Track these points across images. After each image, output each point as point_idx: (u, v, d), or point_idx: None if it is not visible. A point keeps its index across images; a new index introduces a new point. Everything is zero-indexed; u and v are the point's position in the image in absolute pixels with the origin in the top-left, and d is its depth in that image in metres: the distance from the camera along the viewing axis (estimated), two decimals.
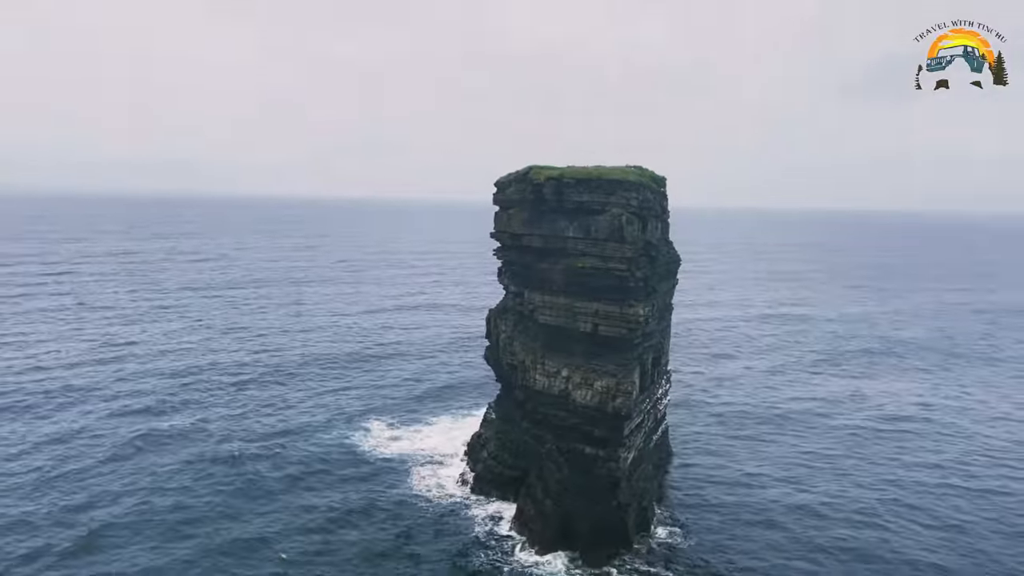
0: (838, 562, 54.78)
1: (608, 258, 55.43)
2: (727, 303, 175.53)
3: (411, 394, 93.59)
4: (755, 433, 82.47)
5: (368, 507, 61.90)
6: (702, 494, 66.26)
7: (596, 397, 55.94)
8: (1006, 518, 62.65)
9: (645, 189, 57.94)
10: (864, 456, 76.21)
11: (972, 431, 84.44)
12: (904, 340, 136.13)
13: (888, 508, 63.99)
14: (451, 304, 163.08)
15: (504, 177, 65.23)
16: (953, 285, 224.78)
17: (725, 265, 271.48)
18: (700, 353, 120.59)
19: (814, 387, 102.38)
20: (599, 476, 55.90)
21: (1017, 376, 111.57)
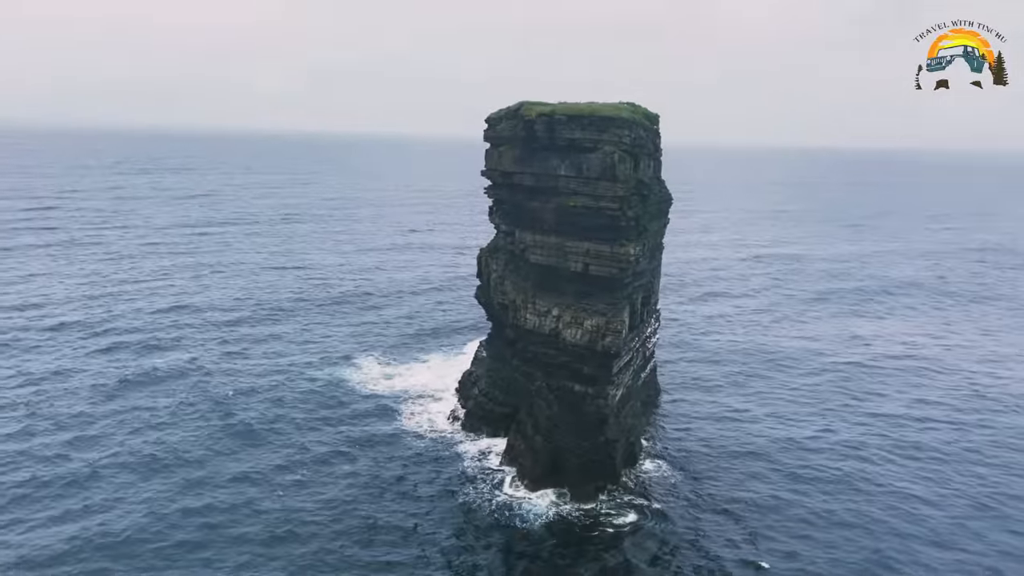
0: (821, 492, 56.13)
1: (600, 197, 54.95)
2: (719, 242, 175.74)
3: (402, 332, 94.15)
4: (743, 371, 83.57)
5: (360, 443, 62.84)
6: (689, 429, 67.47)
7: (586, 336, 56.22)
8: (985, 450, 64.05)
9: (638, 126, 57.11)
10: (851, 392, 77.53)
11: (957, 368, 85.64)
12: (896, 279, 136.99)
13: (872, 441, 65.33)
14: (443, 243, 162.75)
15: (495, 113, 64.20)
16: (948, 224, 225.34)
17: (718, 204, 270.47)
18: (692, 292, 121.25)
19: (804, 326, 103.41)
20: (588, 413, 56.66)
21: (1005, 314, 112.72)
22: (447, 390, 74.48)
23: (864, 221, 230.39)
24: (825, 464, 60.86)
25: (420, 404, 71.69)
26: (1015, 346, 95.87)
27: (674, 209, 68.93)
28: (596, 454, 55.86)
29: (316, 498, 53.35)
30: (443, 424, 67.61)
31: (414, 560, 46.51)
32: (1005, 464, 61.97)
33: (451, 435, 65.40)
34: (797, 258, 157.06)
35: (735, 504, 54.52)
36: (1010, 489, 57.69)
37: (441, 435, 65.29)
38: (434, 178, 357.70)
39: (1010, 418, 71.69)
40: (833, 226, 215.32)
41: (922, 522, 52.59)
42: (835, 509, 53.95)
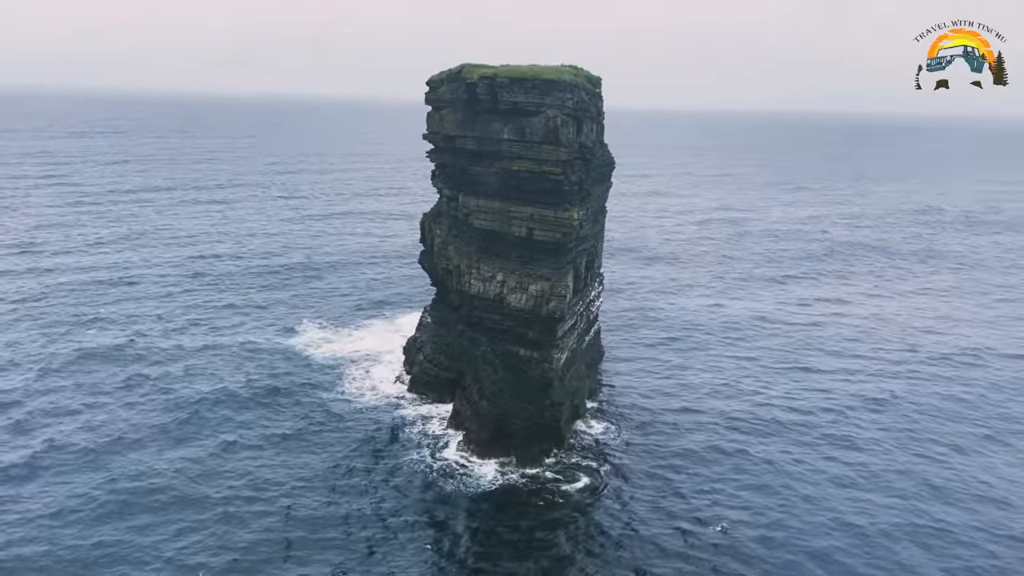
0: (762, 443, 57.88)
1: (543, 161, 54.72)
2: (667, 207, 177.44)
3: (347, 299, 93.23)
4: (686, 335, 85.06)
5: (304, 410, 62.23)
6: (632, 391, 68.62)
7: (530, 300, 56.41)
8: (915, 401, 66.77)
9: (580, 90, 56.81)
10: (792, 351, 79.76)
11: (900, 329, 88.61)
12: (846, 242, 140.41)
13: (810, 396, 67.58)
14: (386, 209, 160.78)
15: (436, 76, 63.15)
16: (899, 186, 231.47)
17: (664, 168, 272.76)
18: (638, 257, 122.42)
19: (752, 291, 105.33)
20: (533, 377, 57.08)
21: (952, 276, 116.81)
22: (391, 356, 74.15)
23: (809, 184, 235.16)
24: (764, 428, 62.48)
25: (364, 371, 71.24)
26: (954, 306, 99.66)
27: (617, 172, 69.19)
28: (541, 418, 56.38)
29: (260, 469, 52.74)
30: (388, 390, 67.37)
31: (356, 528, 46.44)
32: (927, 412, 65.11)
33: (396, 401, 65.25)
34: (741, 221, 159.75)
35: (679, 459, 56.13)
36: (927, 433, 60.79)
37: (386, 401, 65.08)
38: (379, 142, 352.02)
39: (938, 369, 74.97)
40: (778, 189, 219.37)
41: (860, 468, 54.93)
42: (776, 459, 55.90)
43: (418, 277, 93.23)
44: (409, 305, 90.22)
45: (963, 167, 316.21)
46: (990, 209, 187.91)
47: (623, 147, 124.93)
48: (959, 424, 63.48)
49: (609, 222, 73.59)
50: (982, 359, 78.70)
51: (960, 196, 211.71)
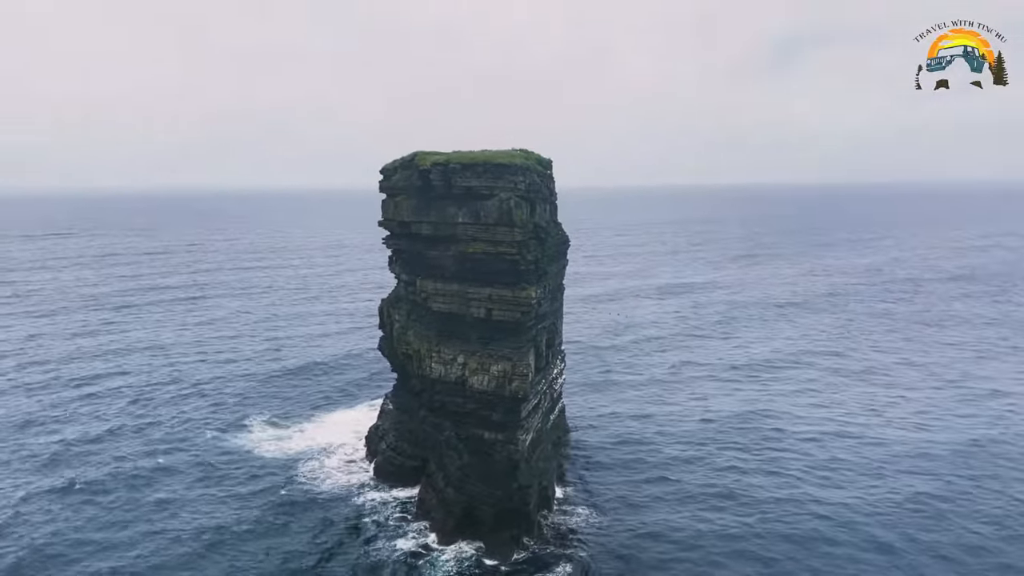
0: (735, 517, 57.26)
1: (498, 242, 55.40)
2: (620, 279, 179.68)
3: (305, 390, 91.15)
4: (648, 401, 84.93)
5: (262, 507, 59.91)
6: (601, 467, 67.77)
7: (493, 382, 56.05)
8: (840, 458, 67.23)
9: (532, 172, 58.12)
10: (750, 410, 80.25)
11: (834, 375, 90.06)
12: (791, 301, 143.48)
13: (772, 455, 67.61)
14: (343, 295, 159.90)
15: (389, 164, 64.03)
16: (834, 252, 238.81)
17: (617, 243, 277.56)
18: (595, 330, 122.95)
19: (706, 351, 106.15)
20: (499, 460, 56.15)
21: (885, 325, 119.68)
22: (354, 447, 72.43)
23: (756, 251, 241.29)
24: (736, 488, 62.44)
25: (325, 463, 69.20)
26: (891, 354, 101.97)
27: (576, 250, 70.23)
28: (509, 502, 55.23)
29: (216, 565, 50.38)
30: (350, 481, 65.42)
31: None
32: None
33: (359, 491, 63.34)
34: (695, 288, 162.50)
35: (654, 544, 54.70)
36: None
37: (348, 492, 63.12)
38: (334, 230, 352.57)
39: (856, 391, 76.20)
40: (728, 258, 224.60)
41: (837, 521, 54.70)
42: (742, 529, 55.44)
43: (378, 362, 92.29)
44: (371, 392, 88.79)
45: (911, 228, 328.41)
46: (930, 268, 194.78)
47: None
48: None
49: (568, 295, 73.98)
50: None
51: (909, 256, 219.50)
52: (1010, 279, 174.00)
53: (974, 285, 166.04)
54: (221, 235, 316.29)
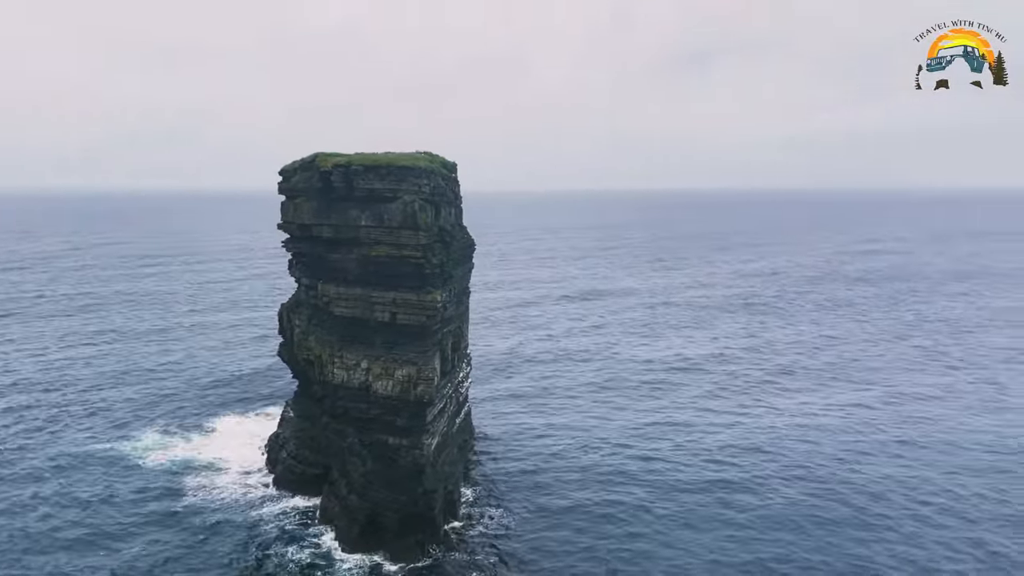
0: (642, 524, 58.44)
1: (402, 246, 54.83)
2: (528, 283, 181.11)
3: (201, 398, 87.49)
4: (556, 405, 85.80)
5: (150, 522, 57.09)
6: (506, 471, 67.94)
7: (397, 386, 55.38)
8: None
9: (436, 175, 57.84)
10: (647, 408, 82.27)
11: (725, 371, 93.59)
12: (698, 304, 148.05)
13: (668, 452, 69.44)
14: (241, 299, 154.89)
15: (288, 165, 62.35)
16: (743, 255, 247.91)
17: (525, 246, 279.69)
18: (500, 332, 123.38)
19: (617, 353, 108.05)
20: (404, 465, 55.52)
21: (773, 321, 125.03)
22: (254, 456, 70.07)
23: (663, 256, 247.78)
24: (631, 488, 63.68)
25: (220, 474, 66.57)
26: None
27: (482, 253, 70.26)
28: (415, 507, 54.63)
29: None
30: (249, 492, 63.20)
31: None
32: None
33: (259, 503, 61.21)
34: (604, 293, 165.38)
35: (560, 546, 55.07)
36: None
37: (247, 504, 60.88)
38: (238, 234, 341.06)
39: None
40: (637, 262, 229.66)
41: (746, 513, 56.61)
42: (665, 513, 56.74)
43: (278, 368, 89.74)
44: (270, 400, 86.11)
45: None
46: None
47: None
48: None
49: (476, 298, 73.95)
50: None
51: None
52: (896, 279, 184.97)
53: (869, 287, 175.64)
54: (112, 239, 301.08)
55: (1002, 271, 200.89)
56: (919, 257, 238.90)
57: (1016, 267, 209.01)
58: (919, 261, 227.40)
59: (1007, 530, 56.22)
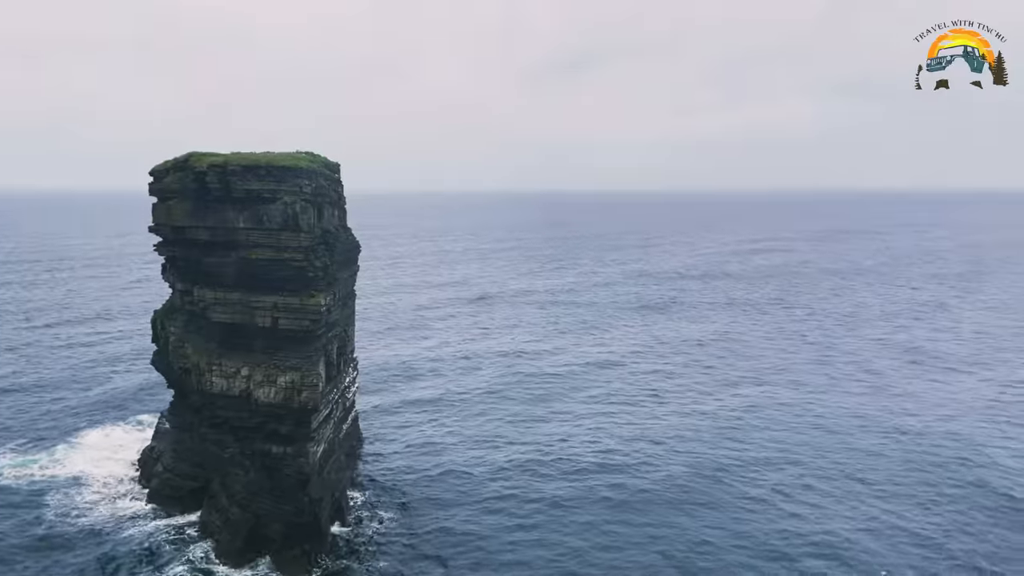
0: (526, 521, 59.04)
1: (284, 248, 53.35)
2: (417, 285, 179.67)
3: (68, 412, 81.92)
4: (444, 408, 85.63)
5: (9, 549, 53.11)
6: (397, 475, 67.30)
7: (280, 393, 53.89)
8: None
9: (319, 175, 56.64)
10: (540, 411, 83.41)
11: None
12: (587, 302, 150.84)
13: (546, 460, 70.66)
14: (117, 307, 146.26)
15: (159, 165, 59.42)
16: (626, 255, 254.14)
17: (418, 248, 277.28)
18: (390, 336, 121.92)
19: (504, 357, 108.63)
20: (288, 475, 54.02)
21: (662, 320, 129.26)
22: (125, 471, 66.31)
23: (560, 257, 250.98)
24: (523, 488, 64.46)
25: (89, 491, 62.44)
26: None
27: (368, 254, 69.19)
28: (300, 516, 53.26)
29: None
30: (121, 510, 59.65)
31: None
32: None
33: (132, 521, 57.88)
34: (494, 295, 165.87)
35: (450, 548, 54.99)
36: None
37: (119, 523, 57.45)
38: (112, 237, 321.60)
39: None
40: (532, 263, 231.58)
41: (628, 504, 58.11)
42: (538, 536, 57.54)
43: (152, 378, 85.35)
44: (142, 412, 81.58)
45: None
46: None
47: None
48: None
49: (365, 301, 72.75)
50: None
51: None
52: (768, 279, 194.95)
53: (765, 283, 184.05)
54: None
55: (867, 267, 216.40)
56: (801, 255, 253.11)
57: (880, 263, 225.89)
58: (799, 259, 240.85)
59: (873, 499, 60.57)
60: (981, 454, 71.29)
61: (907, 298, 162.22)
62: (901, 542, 55.38)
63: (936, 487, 64.46)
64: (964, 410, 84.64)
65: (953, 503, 61.61)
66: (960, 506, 61.02)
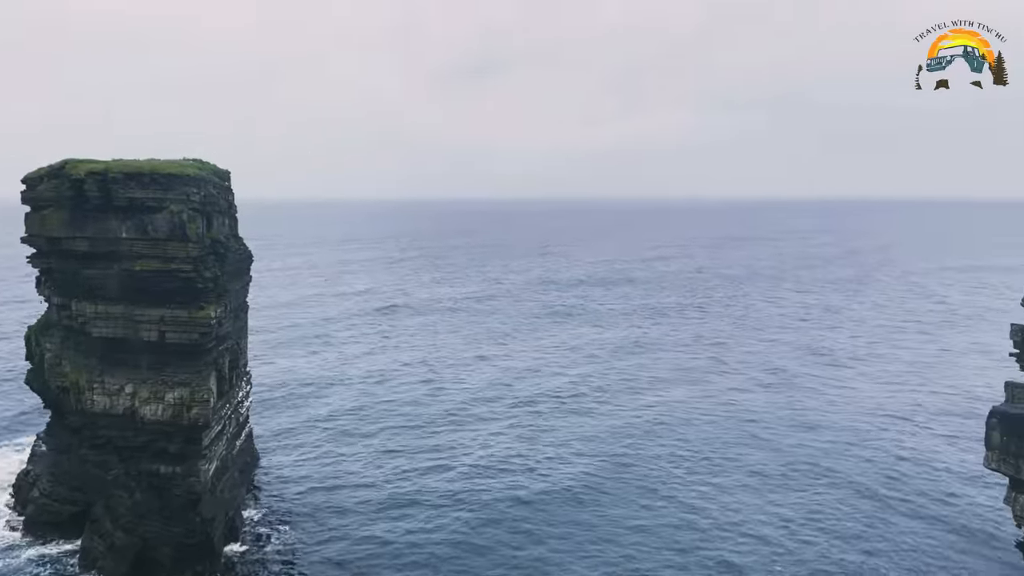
0: (424, 532, 58.72)
1: (171, 259, 51.36)
2: (318, 296, 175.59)
3: None
4: (341, 420, 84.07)
5: None
6: (291, 491, 65.62)
7: (168, 411, 51.82)
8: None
9: (207, 183, 54.85)
10: (443, 420, 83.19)
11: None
12: (493, 310, 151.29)
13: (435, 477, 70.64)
14: None
15: (32, 173, 55.92)
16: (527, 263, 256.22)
17: (317, 258, 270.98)
18: (288, 349, 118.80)
19: (396, 368, 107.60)
20: (178, 495, 51.95)
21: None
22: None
23: (458, 264, 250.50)
24: (424, 494, 64.34)
25: None
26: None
27: (263, 265, 67.41)
28: (191, 538, 51.24)
29: None
30: None
31: None
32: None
33: (8, 551, 54.18)
34: (396, 307, 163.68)
35: (350, 555, 54.35)
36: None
37: None
38: None
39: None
40: (434, 271, 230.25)
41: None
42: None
43: (26, 398, 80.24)
44: (14, 434, 76.62)
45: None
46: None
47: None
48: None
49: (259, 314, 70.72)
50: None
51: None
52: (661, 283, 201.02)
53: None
54: None
55: (761, 272, 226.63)
56: (697, 261, 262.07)
57: (772, 265, 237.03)
58: (696, 265, 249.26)
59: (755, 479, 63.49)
60: (865, 445, 75.86)
61: (798, 301, 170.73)
62: (795, 529, 58.30)
63: (823, 477, 68.29)
64: (850, 403, 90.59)
65: (835, 488, 65.38)
66: (840, 492, 64.77)
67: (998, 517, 57.69)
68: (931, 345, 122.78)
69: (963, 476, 67.89)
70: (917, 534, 57.65)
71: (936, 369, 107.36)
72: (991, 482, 60.70)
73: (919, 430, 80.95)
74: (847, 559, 54.02)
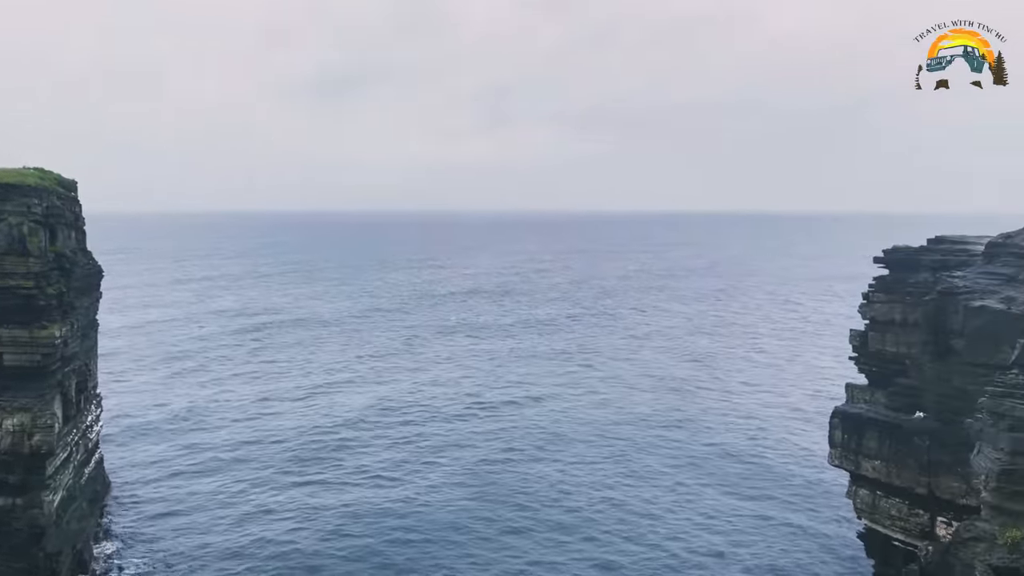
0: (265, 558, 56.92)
1: (9, 275, 47.84)
2: (182, 315, 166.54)
3: None
4: (195, 437, 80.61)
5: None
6: (144, 520, 62.02)
7: (7, 438, 47.86)
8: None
9: (51, 194, 51.66)
10: (303, 447, 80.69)
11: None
12: (373, 327, 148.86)
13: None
14: None
15: None
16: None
17: (176, 273, 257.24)
18: (145, 371, 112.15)
19: (264, 390, 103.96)
20: (19, 529, 48.09)
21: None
22: None
23: (327, 278, 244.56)
24: (293, 508, 62.97)
25: None
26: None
27: (116, 282, 63.78)
28: (35, 574, 47.66)
29: None
30: None
31: None
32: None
33: None
34: (261, 324, 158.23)
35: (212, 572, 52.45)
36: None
37: None
38: None
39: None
40: (314, 286, 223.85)
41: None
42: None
43: None
44: None
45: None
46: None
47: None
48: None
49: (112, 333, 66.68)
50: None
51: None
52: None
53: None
54: None
55: (637, 283, 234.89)
56: (575, 273, 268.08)
57: (650, 276, 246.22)
58: (575, 277, 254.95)
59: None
60: (719, 443, 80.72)
61: (678, 310, 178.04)
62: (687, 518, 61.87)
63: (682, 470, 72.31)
64: (711, 403, 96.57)
65: (693, 481, 68.91)
66: (696, 485, 68.38)
67: (840, 515, 61.82)
68: (785, 350, 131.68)
69: (810, 472, 72.94)
70: (763, 528, 61.37)
71: (787, 371, 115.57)
72: (835, 477, 65.44)
73: (772, 428, 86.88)
74: (697, 547, 57.51)
